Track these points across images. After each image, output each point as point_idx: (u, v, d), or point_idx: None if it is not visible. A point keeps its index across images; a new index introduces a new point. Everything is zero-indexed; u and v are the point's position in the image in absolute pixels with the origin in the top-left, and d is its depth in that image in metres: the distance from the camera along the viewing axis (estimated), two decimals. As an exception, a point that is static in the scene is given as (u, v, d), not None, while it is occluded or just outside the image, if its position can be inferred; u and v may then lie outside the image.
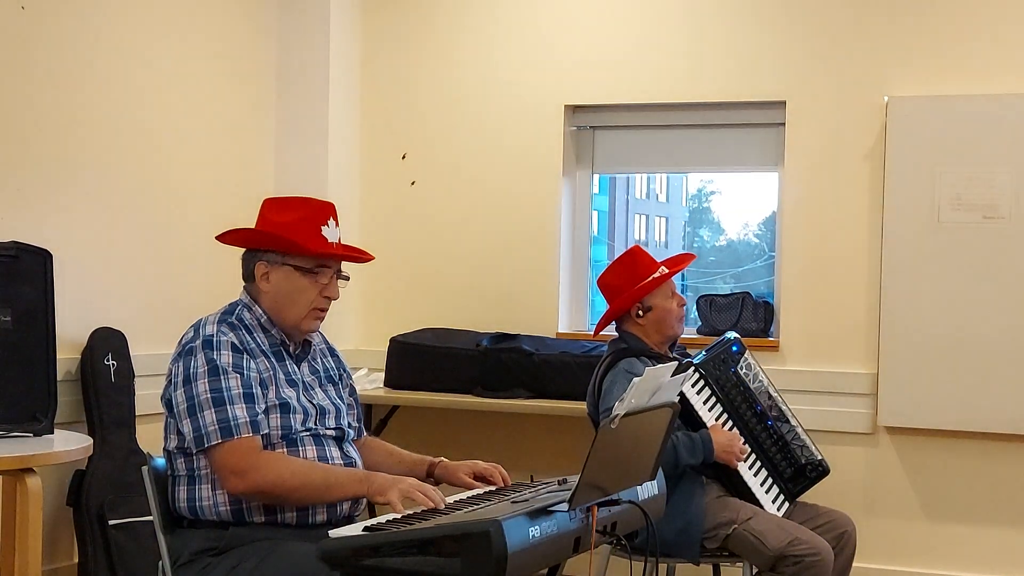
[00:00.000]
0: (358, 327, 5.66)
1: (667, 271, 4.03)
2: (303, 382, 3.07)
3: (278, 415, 2.95)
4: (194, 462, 2.93)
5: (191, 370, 2.90)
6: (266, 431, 2.91)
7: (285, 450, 2.94)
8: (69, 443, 3.92)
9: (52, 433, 4.01)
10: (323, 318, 3.09)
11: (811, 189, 5.12)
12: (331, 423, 3.07)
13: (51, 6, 4.49)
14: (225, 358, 2.91)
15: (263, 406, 2.92)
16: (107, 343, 4.63)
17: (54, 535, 4.52)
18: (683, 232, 6.21)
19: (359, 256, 3.17)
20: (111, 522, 4.48)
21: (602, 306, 4.47)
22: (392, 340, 5.32)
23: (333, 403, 3.11)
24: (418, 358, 5.23)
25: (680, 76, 5.28)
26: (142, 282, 4.90)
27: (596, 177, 5.68)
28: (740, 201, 5.88)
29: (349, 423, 3.17)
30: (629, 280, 4.02)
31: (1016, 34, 4.87)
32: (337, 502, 2.93)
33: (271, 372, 2.98)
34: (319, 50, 5.52)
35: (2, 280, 4.01)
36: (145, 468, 2.99)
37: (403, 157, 5.68)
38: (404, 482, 2.83)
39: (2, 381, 3.96)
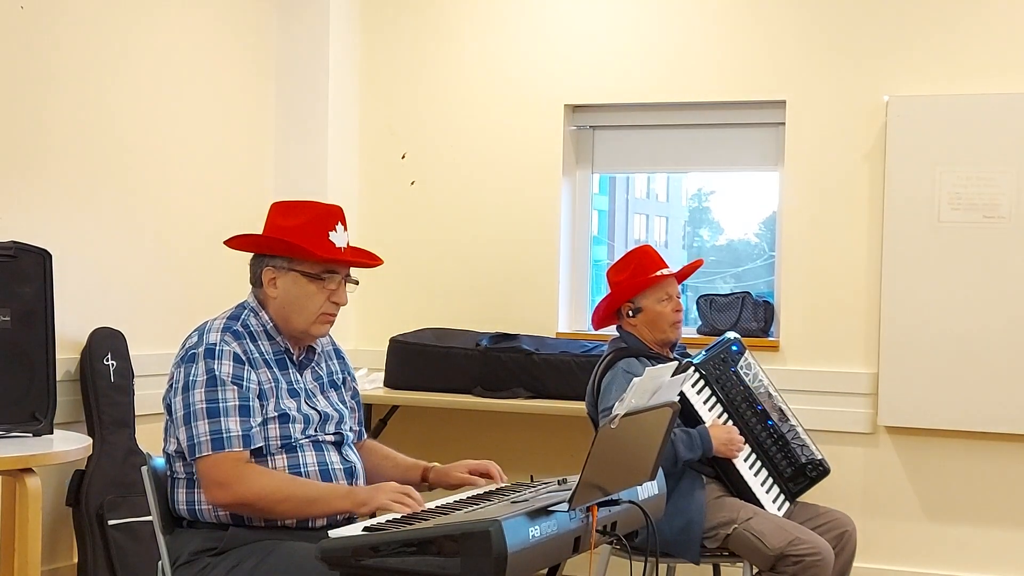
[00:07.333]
0: (358, 327, 5.65)
1: (665, 273, 4.01)
2: (305, 390, 3.05)
3: (277, 426, 2.93)
4: (193, 466, 2.93)
5: (191, 378, 2.89)
6: (260, 444, 2.90)
7: (285, 457, 2.93)
8: (69, 443, 3.92)
9: (52, 433, 4.00)
10: (332, 323, 3.07)
11: (811, 189, 5.11)
12: (331, 429, 3.05)
13: (51, 6, 4.49)
14: (225, 369, 2.89)
15: (259, 419, 2.91)
16: (106, 343, 4.63)
17: (54, 535, 4.52)
18: (683, 232, 6.20)
19: (367, 262, 3.12)
20: (110, 522, 4.48)
21: (603, 306, 4.46)
22: (392, 340, 5.32)
23: (335, 409, 3.10)
24: (418, 358, 5.23)
25: (680, 76, 5.28)
26: (142, 282, 4.90)
27: (596, 177, 5.68)
28: (740, 201, 5.88)
29: (350, 427, 3.16)
30: (626, 277, 4.01)
31: (1016, 34, 4.87)
32: (320, 517, 2.91)
33: (272, 383, 2.97)
34: (319, 50, 5.52)
35: (2, 280, 4.01)
36: (145, 468, 2.99)
37: (403, 157, 5.68)
38: (385, 488, 2.83)
39: (2, 381, 3.95)
